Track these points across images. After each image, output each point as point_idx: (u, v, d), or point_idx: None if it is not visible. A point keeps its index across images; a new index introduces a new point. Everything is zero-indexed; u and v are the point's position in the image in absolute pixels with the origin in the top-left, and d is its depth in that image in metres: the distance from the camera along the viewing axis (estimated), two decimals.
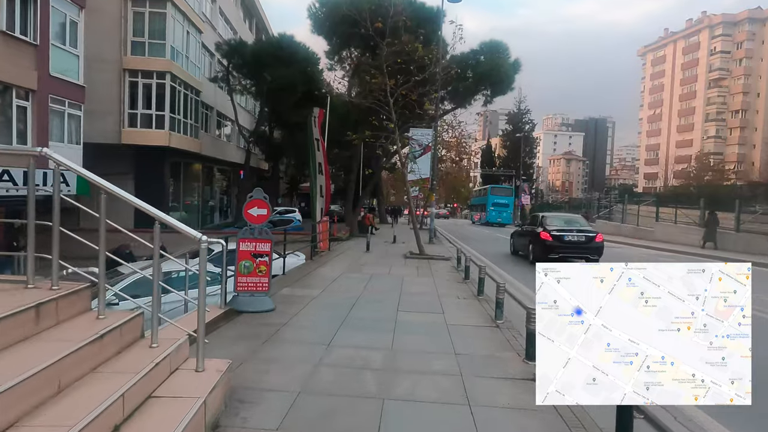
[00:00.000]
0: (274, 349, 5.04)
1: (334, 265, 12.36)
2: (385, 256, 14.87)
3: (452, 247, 20.16)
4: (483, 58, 22.82)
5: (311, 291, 8.37)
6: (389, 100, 15.12)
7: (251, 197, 6.64)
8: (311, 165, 13.95)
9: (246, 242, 6.58)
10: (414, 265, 12.77)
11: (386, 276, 10.72)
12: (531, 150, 61.26)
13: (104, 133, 21.87)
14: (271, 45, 23.95)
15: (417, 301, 7.93)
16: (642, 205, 35.43)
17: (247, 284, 6.60)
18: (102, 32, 21.55)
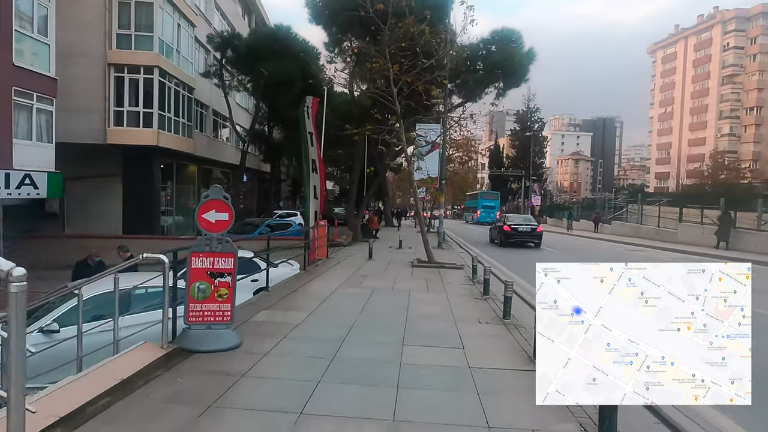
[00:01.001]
0: (215, 426, 3.35)
1: (330, 276, 10.68)
2: (390, 265, 13.18)
3: (463, 252, 18.44)
4: (494, 48, 21.14)
5: (295, 315, 6.69)
6: (392, 89, 13.46)
7: (207, 197, 4.98)
8: (305, 162, 12.31)
9: (200, 257, 4.92)
10: (422, 276, 11.07)
11: (390, 291, 9.02)
12: (540, 149, 59.29)
13: (88, 132, 20.36)
14: (266, 37, 22.35)
15: (428, 329, 6.22)
16: (657, 205, 35.00)
17: (202, 313, 4.94)
18: (84, 24, 20.09)
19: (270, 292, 8.29)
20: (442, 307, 7.63)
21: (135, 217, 21.83)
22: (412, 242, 20.57)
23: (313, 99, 12.98)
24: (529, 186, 53.08)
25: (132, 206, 21.96)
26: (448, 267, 12.89)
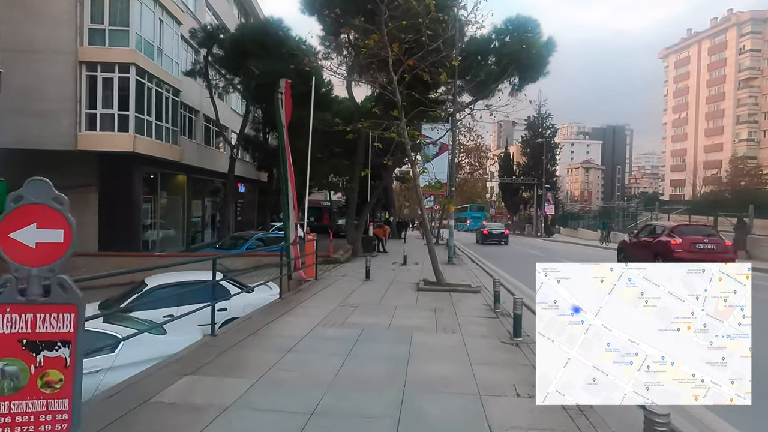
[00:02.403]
0: None
1: (311, 307, 8.32)
2: (391, 288, 10.80)
3: (478, 269, 16.00)
4: (508, 38, 18.85)
5: (232, 384, 4.31)
6: (391, 74, 11.19)
7: (20, 201, 2.64)
8: (282, 163, 9.98)
9: (6, 314, 2.61)
10: (430, 305, 8.68)
11: (385, 332, 6.62)
12: (553, 156, 56.63)
13: (58, 137, 18.36)
14: (255, 31, 20.23)
15: (437, 415, 3.83)
16: (675, 213, 33.74)
17: (10, 425, 2.61)
18: (52, 18, 18.16)
19: (216, 338, 5.92)
20: (459, 362, 5.22)
21: (112, 232, 19.68)
22: (418, 256, 18.18)
23: (286, 82, 10.72)
24: (542, 194, 50.48)
25: (109, 220, 19.83)
26: (462, 290, 10.48)
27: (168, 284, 9.71)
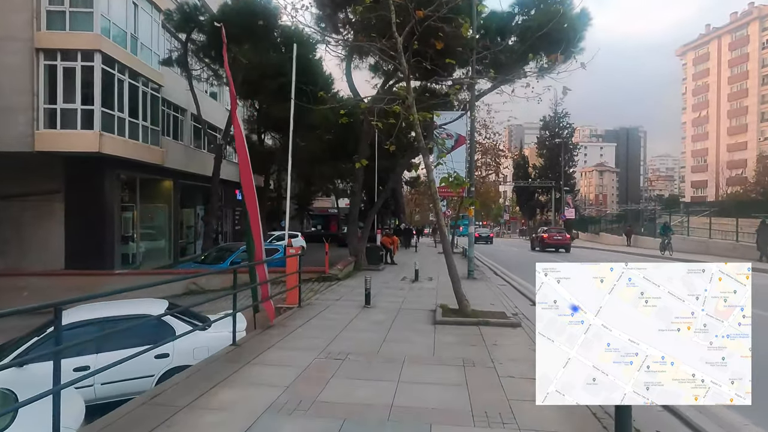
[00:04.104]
0: None
1: (266, 366, 5.40)
2: (396, 322, 7.92)
3: (505, 285, 13.08)
4: (534, 11, 16.05)
5: None
6: (397, 39, 8.41)
7: None
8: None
9: None
10: (455, 354, 5.80)
11: (380, 429, 3.79)
12: (571, 157, 53.43)
13: (13, 137, 15.84)
14: (241, 13, 17.55)
15: None
16: (699, 216, 32.08)
17: None
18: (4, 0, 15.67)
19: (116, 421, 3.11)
20: None
21: (82, 245, 17.05)
22: (432, 269, 15.29)
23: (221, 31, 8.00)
24: (561, 197, 47.33)
25: (78, 231, 17.25)
26: (496, 323, 7.56)
27: (90, 320, 6.95)
